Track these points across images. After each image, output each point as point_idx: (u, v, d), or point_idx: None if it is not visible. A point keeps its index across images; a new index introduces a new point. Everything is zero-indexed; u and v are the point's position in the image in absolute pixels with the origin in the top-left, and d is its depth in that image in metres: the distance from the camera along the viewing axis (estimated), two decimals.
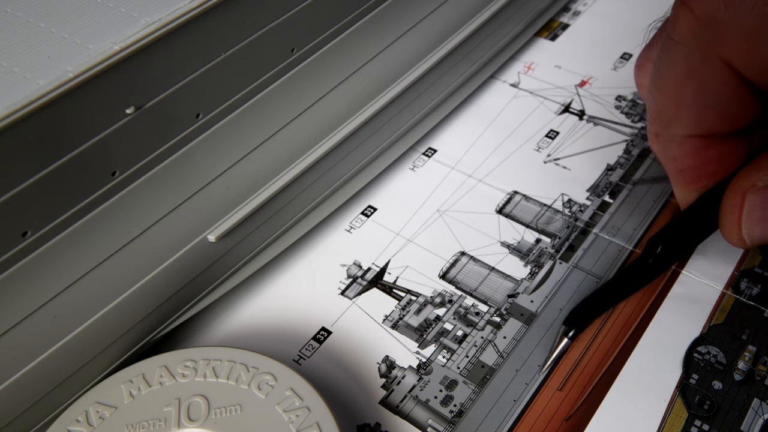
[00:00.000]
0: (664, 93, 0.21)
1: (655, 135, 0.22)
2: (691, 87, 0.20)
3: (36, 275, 0.20)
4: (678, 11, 0.19)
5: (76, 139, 0.19)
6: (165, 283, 0.23)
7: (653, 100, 0.21)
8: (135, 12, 0.20)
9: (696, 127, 0.21)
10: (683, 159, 0.22)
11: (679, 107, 0.20)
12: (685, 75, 0.20)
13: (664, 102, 0.21)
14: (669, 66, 0.20)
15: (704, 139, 0.21)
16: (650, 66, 0.22)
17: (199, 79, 0.22)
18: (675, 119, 0.21)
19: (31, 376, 0.20)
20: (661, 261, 0.24)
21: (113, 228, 0.21)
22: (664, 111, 0.21)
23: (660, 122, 0.22)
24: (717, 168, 0.21)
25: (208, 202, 0.24)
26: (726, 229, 0.21)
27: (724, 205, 0.21)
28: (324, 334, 0.25)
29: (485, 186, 0.30)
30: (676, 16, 0.19)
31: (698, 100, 0.20)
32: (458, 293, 0.26)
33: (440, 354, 0.24)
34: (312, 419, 0.20)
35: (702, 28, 0.19)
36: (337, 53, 0.27)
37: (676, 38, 0.20)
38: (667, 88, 0.20)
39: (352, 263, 0.27)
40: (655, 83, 0.21)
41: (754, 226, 0.20)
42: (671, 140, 0.22)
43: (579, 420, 0.22)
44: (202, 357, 0.22)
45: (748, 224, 0.21)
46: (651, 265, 0.24)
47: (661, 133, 0.22)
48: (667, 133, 0.21)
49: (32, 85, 0.18)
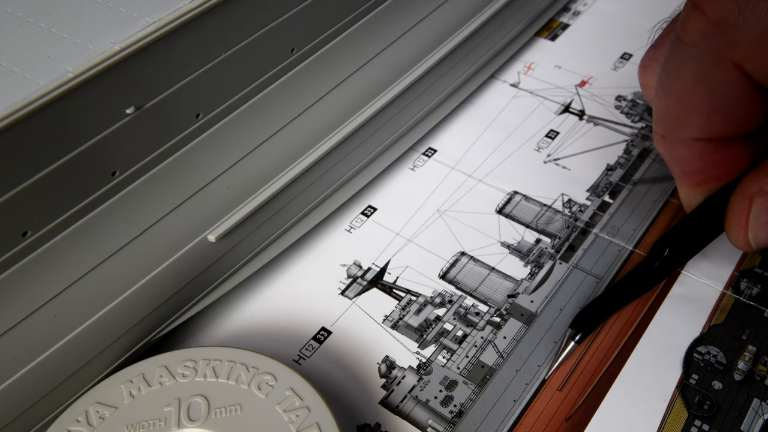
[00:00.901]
0: (672, 95, 0.21)
1: (662, 137, 0.22)
2: (700, 90, 0.20)
3: (36, 275, 0.20)
4: (689, 13, 0.19)
5: (76, 139, 0.19)
6: (165, 283, 0.23)
7: (660, 101, 0.21)
8: (135, 12, 0.20)
9: (704, 130, 0.20)
10: (690, 161, 0.22)
11: (687, 110, 0.20)
12: (695, 77, 0.20)
13: (672, 104, 0.21)
14: (678, 68, 0.20)
15: (711, 143, 0.21)
16: (656, 67, 0.22)
17: (199, 79, 0.22)
18: (683, 122, 0.21)
19: (31, 376, 0.20)
20: (668, 264, 0.24)
21: (113, 228, 0.21)
22: (672, 113, 0.21)
23: (667, 124, 0.21)
24: (723, 171, 0.21)
25: (208, 202, 0.24)
26: (732, 232, 0.21)
27: (731, 208, 0.21)
28: (324, 334, 0.25)
29: (485, 186, 0.30)
30: (687, 18, 0.19)
31: (707, 103, 0.20)
32: (458, 293, 0.26)
33: (440, 354, 0.24)
34: (312, 419, 0.20)
35: (714, 30, 0.18)
36: (337, 53, 0.27)
37: (687, 40, 0.19)
38: (676, 90, 0.20)
39: (352, 263, 0.27)
40: (663, 85, 0.21)
41: (760, 229, 0.20)
42: (678, 142, 0.21)
43: (579, 420, 0.22)
44: (202, 357, 0.22)
45: (755, 228, 0.21)
46: (658, 268, 0.24)
47: (668, 135, 0.22)
48: (675, 135, 0.21)
49: (32, 85, 0.18)
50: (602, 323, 0.24)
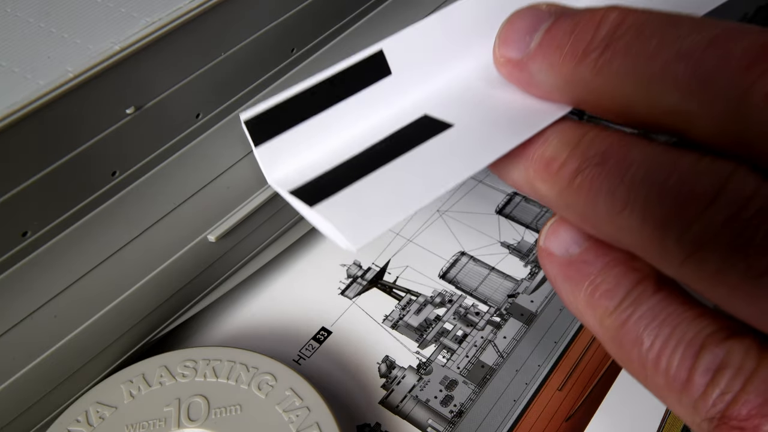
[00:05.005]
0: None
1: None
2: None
3: (36, 275, 0.20)
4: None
5: (76, 139, 0.19)
6: (165, 283, 0.23)
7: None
8: (135, 12, 0.20)
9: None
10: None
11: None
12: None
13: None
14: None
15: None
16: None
17: (199, 79, 0.22)
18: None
19: (31, 376, 0.20)
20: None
21: (113, 228, 0.21)
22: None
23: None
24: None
25: (208, 202, 0.24)
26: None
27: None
28: (324, 334, 0.25)
29: (485, 186, 0.29)
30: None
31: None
32: (458, 293, 0.26)
33: (440, 354, 0.24)
34: (312, 419, 0.20)
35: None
36: (337, 53, 0.27)
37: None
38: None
39: (352, 263, 0.27)
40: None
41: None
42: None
43: (579, 420, 0.22)
44: (202, 357, 0.22)
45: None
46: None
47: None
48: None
49: (32, 85, 0.18)
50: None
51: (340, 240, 0.16)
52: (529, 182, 0.18)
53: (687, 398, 0.14)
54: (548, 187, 0.17)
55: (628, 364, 0.16)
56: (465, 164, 0.17)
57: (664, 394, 0.15)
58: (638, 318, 0.15)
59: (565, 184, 0.16)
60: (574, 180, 0.16)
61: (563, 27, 0.17)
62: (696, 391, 0.14)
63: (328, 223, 0.17)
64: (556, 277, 0.18)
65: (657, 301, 0.15)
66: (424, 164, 0.18)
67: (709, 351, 0.14)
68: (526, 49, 0.18)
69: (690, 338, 0.14)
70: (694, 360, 0.14)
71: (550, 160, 0.17)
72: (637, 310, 0.15)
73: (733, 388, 0.13)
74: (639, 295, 0.16)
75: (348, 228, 0.16)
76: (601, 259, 0.17)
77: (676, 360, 0.14)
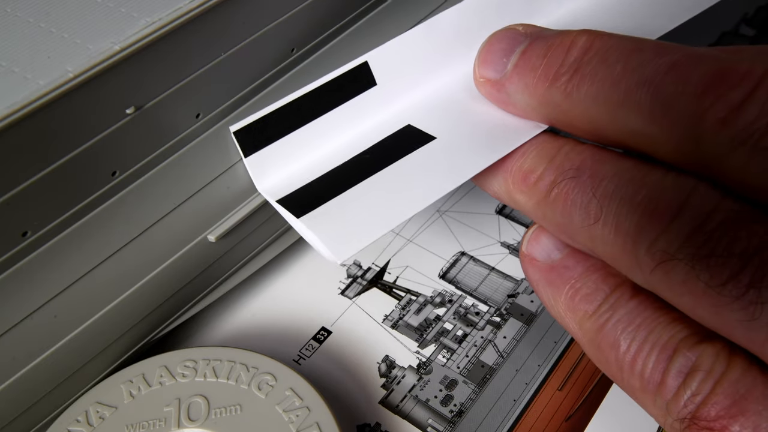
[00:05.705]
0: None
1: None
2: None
3: (36, 275, 0.20)
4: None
5: (76, 139, 0.19)
6: (165, 283, 0.23)
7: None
8: (135, 12, 0.20)
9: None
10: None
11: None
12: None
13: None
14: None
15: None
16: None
17: (199, 79, 0.22)
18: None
19: (31, 376, 0.20)
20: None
21: (113, 228, 0.21)
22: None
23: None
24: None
25: (208, 202, 0.24)
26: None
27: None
28: (324, 334, 0.25)
29: None
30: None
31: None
32: (458, 293, 0.26)
33: (440, 354, 0.24)
34: (312, 419, 0.20)
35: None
36: (337, 53, 0.27)
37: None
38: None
39: (352, 263, 0.27)
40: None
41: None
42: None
43: (579, 420, 0.22)
44: (202, 357, 0.22)
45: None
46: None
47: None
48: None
49: (32, 85, 0.18)
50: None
51: (324, 252, 0.16)
52: (508, 193, 0.18)
53: (660, 399, 0.14)
54: (526, 199, 0.17)
55: (606, 366, 0.16)
56: (447, 178, 0.17)
57: (639, 395, 0.15)
58: (615, 322, 0.15)
59: (542, 196, 0.17)
60: (550, 192, 0.16)
61: (537, 50, 0.17)
62: (668, 392, 0.14)
63: (314, 235, 0.17)
64: (538, 281, 0.18)
65: (633, 306, 0.15)
66: (407, 178, 0.18)
67: (682, 354, 0.14)
68: (503, 71, 0.18)
69: (664, 342, 0.14)
70: (667, 363, 0.14)
71: (528, 172, 0.17)
72: (615, 314, 0.16)
73: (704, 390, 0.13)
74: (617, 300, 0.16)
75: (332, 241, 0.16)
76: (581, 265, 0.17)
77: (651, 363, 0.14)
